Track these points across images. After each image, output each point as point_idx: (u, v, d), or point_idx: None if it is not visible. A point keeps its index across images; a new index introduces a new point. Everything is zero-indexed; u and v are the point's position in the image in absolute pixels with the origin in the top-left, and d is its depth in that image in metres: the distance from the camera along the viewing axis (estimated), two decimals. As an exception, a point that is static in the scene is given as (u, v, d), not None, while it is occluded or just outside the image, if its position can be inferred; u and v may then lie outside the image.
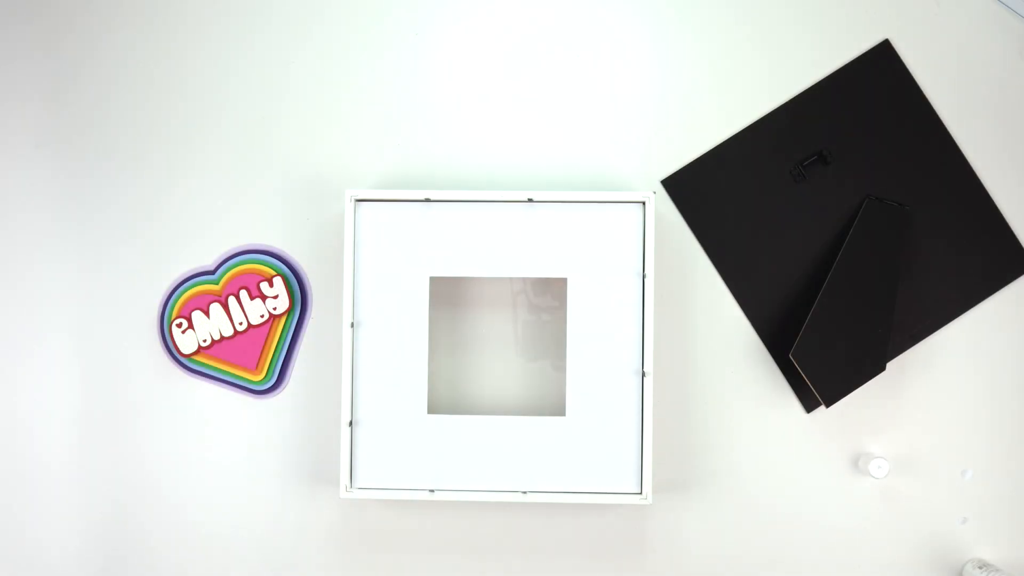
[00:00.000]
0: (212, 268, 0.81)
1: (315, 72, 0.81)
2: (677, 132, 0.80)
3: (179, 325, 0.80)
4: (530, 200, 0.75)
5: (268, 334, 0.80)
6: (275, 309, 0.80)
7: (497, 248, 0.76)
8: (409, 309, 0.76)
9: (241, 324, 0.80)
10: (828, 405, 0.75)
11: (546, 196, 0.75)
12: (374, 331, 0.76)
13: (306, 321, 0.81)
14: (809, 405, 0.80)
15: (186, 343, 0.80)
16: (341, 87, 0.81)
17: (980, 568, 0.76)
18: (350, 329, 0.75)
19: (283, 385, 0.81)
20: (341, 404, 0.75)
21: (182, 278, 0.81)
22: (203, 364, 0.80)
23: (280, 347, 0.80)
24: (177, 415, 0.81)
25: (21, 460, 0.82)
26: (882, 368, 0.75)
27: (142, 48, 0.82)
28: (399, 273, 0.76)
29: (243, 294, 0.80)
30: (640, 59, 0.81)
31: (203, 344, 0.80)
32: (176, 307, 0.80)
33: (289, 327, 0.80)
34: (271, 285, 0.80)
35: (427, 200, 0.76)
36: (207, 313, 0.80)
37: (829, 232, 0.80)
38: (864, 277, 0.76)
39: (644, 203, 0.75)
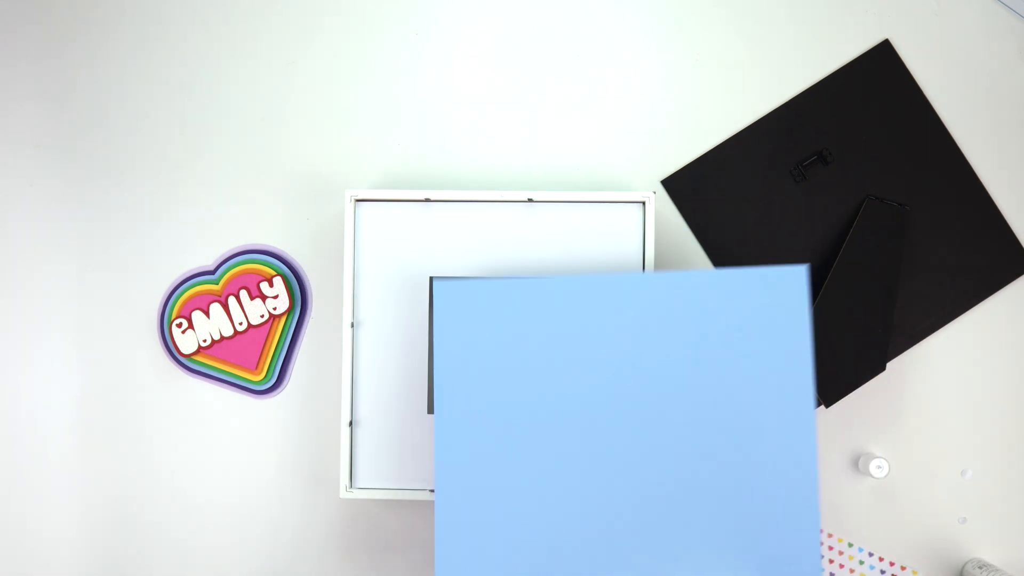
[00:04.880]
0: (212, 268, 0.81)
1: (315, 72, 0.81)
2: (677, 132, 0.80)
3: (179, 325, 0.80)
4: (530, 200, 0.75)
5: (268, 334, 0.80)
6: (275, 309, 0.80)
7: (497, 248, 0.76)
8: (409, 309, 0.76)
9: (241, 324, 0.80)
10: (828, 405, 0.75)
11: (546, 196, 0.75)
12: (374, 331, 0.76)
13: (306, 321, 0.81)
14: (809, 405, 0.80)
15: (186, 343, 0.80)
16: (341, 87, 0.81)
17: (980, 568, 0.76)
18: (350, 329, 0.75)
19: (283, 385, 0.81)
20: (341, 404, 0.75)
21: (182, 278, 0.81)
22: (203, 364, 0.80)
23: (280, 347, 0.80)
24: (177, 415, 0.81)
25: (21, 460, 0.82)
26: (882, 368, 0.75)
27: (142, 49, 0.82)
28: (399, 273, 0.76)
29: (243, 294, 0.80)
30: (640, 59, 0.81)
31: (203, 344, 0.80)
32: (176, 307, 0.80)
33: (289, 327, 0.80)
34: (271, 285, 0.80)
35: (427, 200, 0.76)
36: (207, 313, 0.80)
37: (829, 232, 0.80)
38: (864, 277, 0.76)
39: (644, 203, 0.75)
